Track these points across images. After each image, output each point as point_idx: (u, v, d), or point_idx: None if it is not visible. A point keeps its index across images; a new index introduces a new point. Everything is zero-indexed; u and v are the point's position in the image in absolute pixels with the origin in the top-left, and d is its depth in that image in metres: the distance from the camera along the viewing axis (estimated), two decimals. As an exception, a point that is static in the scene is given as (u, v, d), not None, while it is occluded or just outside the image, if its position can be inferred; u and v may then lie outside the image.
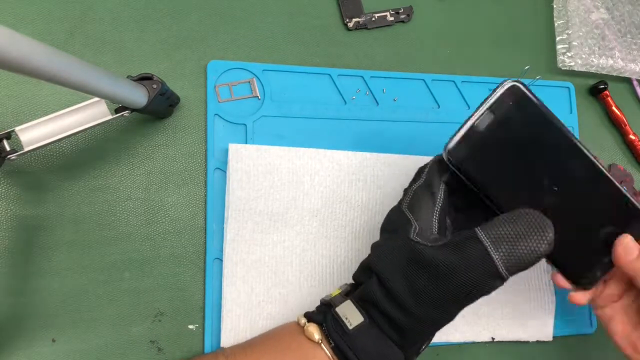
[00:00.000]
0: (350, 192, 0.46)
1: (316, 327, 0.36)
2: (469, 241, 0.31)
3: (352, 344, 0.34)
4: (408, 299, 0.32)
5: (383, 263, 0.34)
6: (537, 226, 0.31)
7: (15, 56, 0.21)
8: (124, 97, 0.34)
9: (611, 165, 0.56)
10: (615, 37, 0.57)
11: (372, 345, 0.34)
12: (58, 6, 0.45)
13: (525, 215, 0.32)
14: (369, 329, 0.34)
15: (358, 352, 0.34)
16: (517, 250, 0.30)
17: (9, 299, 0.40)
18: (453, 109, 0.51)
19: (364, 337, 0.34)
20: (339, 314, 0.35)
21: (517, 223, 0.31)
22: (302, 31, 0.50)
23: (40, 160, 0.42)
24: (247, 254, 0.43)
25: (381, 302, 0.33)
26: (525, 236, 0.31)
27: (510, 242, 0.31)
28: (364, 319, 0.34)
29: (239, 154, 0.43)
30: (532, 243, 0.31)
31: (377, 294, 0.33)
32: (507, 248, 0.31)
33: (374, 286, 0.34)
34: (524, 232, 0.31)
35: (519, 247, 0.30)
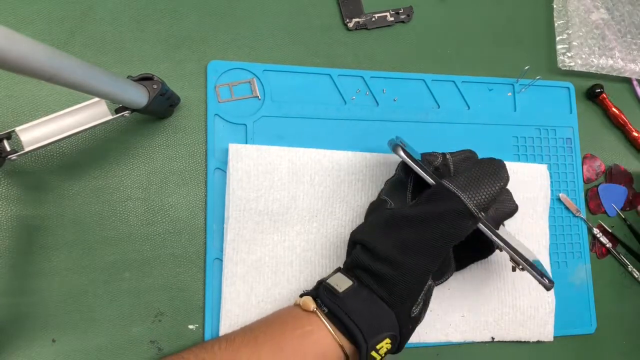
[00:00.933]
0: (350, 192, 0.46)
1: (310, 299, 0.37)
2: (439, 192, 0.36)
3: (344, 306, 0.35)
4: (392, 252, 0.36)
5: (364, 232, 0.38)
6: (493, 165, 0.37)
7: (15, 56, 0.21)
8: (124, 97, 0.34)
9: (612, 166, 0.56)
10: (615, 37, 0.57)
11: (362, 305, 0.36)
12: (58, 6, 0.45)
13: (481, 162, 0.37)
14: (358, 291, 0.36)
15: (350, 313, 0.35)
16: (482, 189, 0.35)
17: (9, 299, 0.40)
18: (453, 109, 0.51)
19: (354, 299, 0.36)
20: (329, 283, 0.38)
21: (476, 169, 0.37)
22: (302, 31, 0.50)
23: (41, 161, 0.42)
24: (247, 254, 0.43)
25: (367, 262, 0.36)
26: (485, 176, 0.36)
27: (474, 183, 0.35)
28: (353, 283, 0.37)
29: (239, 154, 0.43)
30: (492, 179, 0.36)
31: (362, 256, 0.37)
32: (472, 189, 0.35)
33: (359, 252, 0.37)
34: (484, 173, 0.36)
35: (483, 185, 0.35)
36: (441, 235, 0.35)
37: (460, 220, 0.35)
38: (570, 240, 0.52)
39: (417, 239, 0.35)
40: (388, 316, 0.36)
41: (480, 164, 0.37)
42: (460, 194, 0.35)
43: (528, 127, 0.53)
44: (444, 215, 0.35)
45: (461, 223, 0.35)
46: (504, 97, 0.53)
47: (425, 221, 0.35)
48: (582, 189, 0.54)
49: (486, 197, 0.35)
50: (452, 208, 0.35)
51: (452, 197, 0.35)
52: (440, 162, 0.41)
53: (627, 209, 0.56)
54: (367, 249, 0.37)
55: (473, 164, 0.39)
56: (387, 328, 0.36)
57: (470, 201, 0.35)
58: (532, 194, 0.50)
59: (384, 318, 0.36)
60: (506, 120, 0.53)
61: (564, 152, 0.54)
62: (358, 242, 0.38)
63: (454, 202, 0.35)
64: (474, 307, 0.47)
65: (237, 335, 0.38)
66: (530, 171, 0.51)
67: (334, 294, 0.36)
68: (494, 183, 0.36)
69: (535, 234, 0.50)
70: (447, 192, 0.35)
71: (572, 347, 0.51)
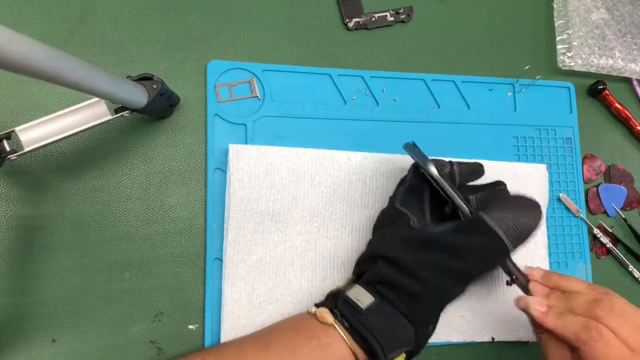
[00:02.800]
0: (350, 192, 0.46)
1: (328, 311, 0.37)
2: (477, 225, 0.35)
3: (366, 323, 0.35)
4: (423, 271, 0.35)
5: (389, 248, 0.37)
6: (530, 205, 0.37)
7: (15, 56, 0.21)
8: (124, 97, 0.34)
9: (611, 166, 0.56)
10: (616, 37, 0.57)
11: (385, 321, 0.35)
12: (58, 6, 0.45)
13: (519, 198, 0.38)
14: (381, 307, 0.36)
15: (372, 329, 0.35)
16: (519, 227, 0.36)
17: (9, 299, 0.40)
18: (453, 109, 0.51)
19: (376, 315, 0.36)
20: (350, 297, 0.37)
21: (514, 205, 0.37)
22: (302, 31, 0.50)
23: (40, 160, 0.42)
24: (248, 254, 0.43)
25: (393, 276, 0.36)
26: (522, 215, 0.36)
27: (514, 224, 0.35)
28: (375, 299, 0.36)
29: (239, 155, 0.43)
30: (528, 220, 0.36)
31: (387, 271, 0.36)
32: (508, 227, 0.35)
33: (382, 267, 0.37)
34: (521, 212, 0.36)
35: (520, 225, 0.36)
36: (478, 268, 0.36)
37: (499, 257, 0.36)
38: (571, 240, 0.52)
39: (452, 267, 0.35)
40: (408, 332, 0.36)
41: (518, 201, 0.38)
42: (502, 235, 0.35)
43: (528, 127, 0.53)
44: (485, 251, 0.35)
45: (499, 259, 0.36)
46: (504, 97, 0.53)
47: (463, 252, 0.35)
48: (582, 189, 0.54)
49: (522, 237, 0.36)
50: (495, 248, 0.35)
51: (492, 235, 0.35)
52: (447, 171, 0.40)
53: (627, 209, 0.56)
54: (393, 264, 0.37)
55: (506, 197, 0.39)
56: (406, 343, 0.36)
57: (509, 241, 0.35)
58: (530, 193, 0.50)
59: (404, 334, 0.36)
60: (506, 120, 0.53)
61: (564, 152, 0.54)
62: (381, 257, 0.38)
63: (496, 243, 0.35)
64: (474, 307, 0.47)
65: (247, 340, 0.38)
66: (529, 171, 0.51)
67: (356, 310, 0.36)
68: (529, 222, 0.36)
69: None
70: (486, 227, 0.35)
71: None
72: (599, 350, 0.33)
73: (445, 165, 0.41)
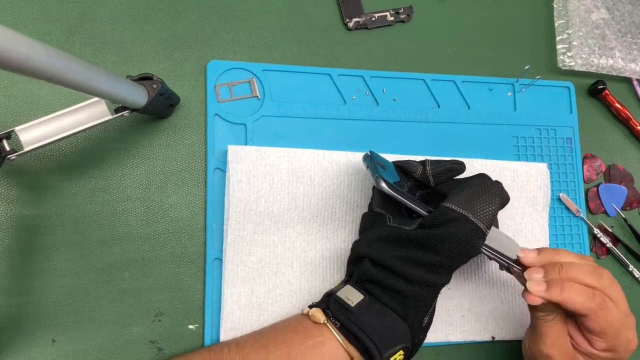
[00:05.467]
0: (350, 193, 0.46)
1: (320, 311, 0.38)
2: (445, 215, 0.36)
3: (357, 320, 0.36)
4: (405, 268, 0.36)
5: (370, 247, 0.38)
6: (485, 182, 0.39)
7: (15, 56, 0.21)
8: (123, 97, 0.34)
9: (611, 166, 0.56)
10: (616, 37, 0.57)
11: (376, 318, 0.36)
12: (58, 6, 0.45)
13: (471, 180, 0.39)
14: (370, 304, 0.37)
15: (364, 327, 0.35)
16: (484, 207, 0.37)
17: (9, 299, 0.40)
18: (453, 109, 0.51)
19: (366, 313, 0.36)
20: (340, 296, 0.37)
21: (470, 188, 0.38)
22: (302, 31, 0.50)
23: (40, 160, 0.42)
24: (247, 255, 0.43)
25: (379, 276, 0.37)
26: (482, 193, 0.37)
27: (474, 202, 0.37)
28: (365, 296, 0.37)
29: (238, 156, 0.43)
30: (490, 196, 0.37)
31: (372, 270, 0.37)
32: (475, 208, 0.36)
33: (368, 266, 0.37)
34: (479, 191, 0.38)
35: (483, 203, 0.37)
36: (457, 256, 0.36)
37: (473, 239, 0.36)
38: (571, 240, 0.52)
39: (431, 260, 0.36)
40: (401, 328, 0.36)
41: (472, 181, 0.39)
42: (467, 214, 0.36)
43: (528, 127, 0.53)
44: (458, 237, 0.35)
45: (474, 242, 0.36)
46: (504, 97, 0.53)
47: (438, 244, 0.36)
48: (582, 189, 0.54)
49: (490, 213, 0.37)
50: (464, 229, 0.36)
51: (460, 219, 0.36)
52: (419, 173, 0.41)
53: (627, 209, 0.55)
54: (377, 264, 0.37)
55: (463, 181, 0.40)
56: (400, 340, 0.36)
57: (476, 219, 0.36)
58: (532, 193, 0.50)
59: (397, 330, 0.36)
60: (506, 120, 0.53)
61: (564, 152, 0.54)
62: (364, 257, 0.38)
63: (464, 224, 0.36)
64: (474, 306, 0.47)
65: (246, 340, 0.38)
66: (530, 170, 0.51)
67: (346, 309, 0.36)
68: (493, 199, 0.37)
69: (535, 233, 0.50)
70: (454, 213, 0.36)
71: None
72: (606, 317, 0.35)
73: (417, 168, 0.41)
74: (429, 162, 0.42)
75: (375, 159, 0.40)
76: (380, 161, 0.41)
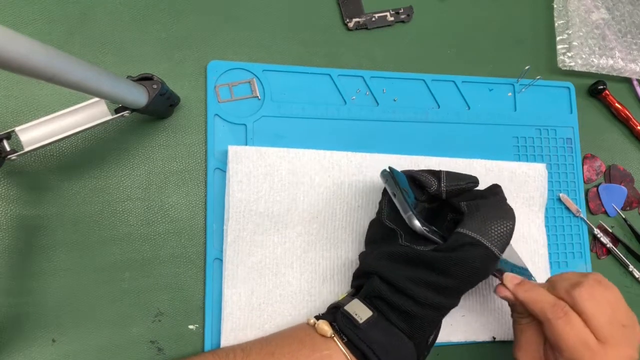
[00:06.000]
0: (350, 193, 0.46)
1: (327, 324, 0.37)
2: (461, 240, 0.36)
3: (365, 337, 0.35)
4: (416, 290, 0.35)
5: (381, 264, 0.38)
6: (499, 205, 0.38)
7: (16, 56, 0.21)
8: (124, 97, 0.34)
9: (611, 166, 0.56)
10: (616, 37, 0.57)
11: (383, 336, 0.36)
12: (58, 6, 0.45)
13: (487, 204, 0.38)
14: (379, 322, 0.36)
15: (371, 344, 0.35)
16: (497, 232, 0.36)
17: (9, 299, 0.40)
18: (453, 109, 0.51)
19: (374, 330, 0.36)
20: (348, 311, 0.37)
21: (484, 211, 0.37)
22: (302, 31, 0.50)
23: (40, 160, 0.42)
24: (247, 256, 0.43)
25: (389, 295, 0.36)
26: (496, 218, 0.37)
27: (491, 226, 0.36)
28: (373, 313, 0.36)
29: (238, 156, 0.43)
30: (505, 221, 0.37)
31: (382, 288, 0.37)
32: (490, 234, 0.36)
33: (377, 283, 0.37)
34: (494, 215, 0.37)
35: (496, 228, 0.36)
36: (470, 280, 0.36)
37: (486, 264, 0.36)
38: (571, 240, 0.52)
39: (444, 283, 0.35)
40: (408, 347, 0.36)
41: (486, 203, 0.38)
42: (481, 240, 0.35)
43: (528, 127, 0.53)
44: (473, 263, 0.35)
45: (488, 266, 0.36)
46: (504, 97, 0.53)
47: (452, 268, 0.35)
48: (582, 189, 0.54)
49: (505, 237, 0.36)
50: (479, 254, 0.35)
51: (475, 244, 0.35)
52: (435, 189, 0.40)
53: (627, 209, 0.55)
54: (387, 283, 0.37)
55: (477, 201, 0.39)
56: (408, 358, 0.36)
57: (491, 244, 0.36)
58: (529, 193, 0.51)
59: (404, 350, 0.36)
60: (506, 120, 0.53)
61: (564, 152, 0.54)
62: (374, 274, 0.38)
63: (479, 249, 0.35)
64: (474, 307, 0.47)
65: (252, 347, 0.38)
66: (528, 170, 0.51)
67: (354, 324, 0.36)
68: (507, 222, 0.37)
69: (533, 233, 0.50)
70: (469, 239, 0.36)
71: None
72: (558, 328, 0.34)
73: (432, 184, 0.40)
74: (445, 178, 0.40)
75: (398, 181, 0.39)
76: (400, 182, 0.39)
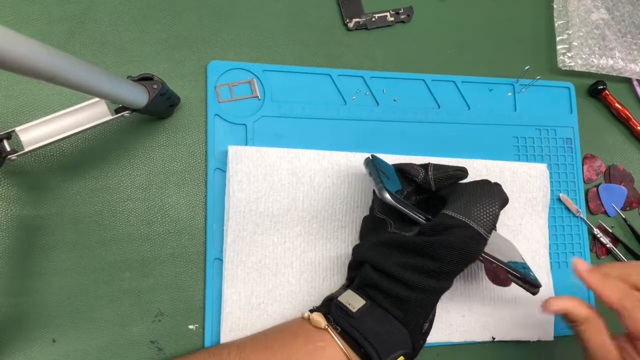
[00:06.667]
0: (350, 193, 0.46)
1: (321, 316, 0.37)
2: (445, 222, 0.36)
3: (359, 326, 0.36)
4: (406, 274, 0.36)
5: (371, 253, 0.38)
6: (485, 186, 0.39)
7: (16, 56, 0.21)
8: (124, 97, 0.34)
9: (611, 166, 0.56)
10: (616, 38, 0.57)
11: (377, 324, 0.36)
12: (58, 6, 0.45)
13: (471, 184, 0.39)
14: (372, 310, 0.36)
15: (365, 333, 0.35)
16: (483, 211, 0.36)
17: (9, 299, 0.40)
18: (453, 109, 0.51)
19: (368, 318, 0.36)
20: (341, 301, 0.37)
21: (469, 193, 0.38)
22: (302, 31, 0.50)
23: (40, 161, 0.42)
24: (247, 256, 0.43)
25: (380, 282, 0.37)
26: (481, 197, 0.37)
27: (473, 207, 0.37)
28: (366, 302, 0.37)
29: (238, 156, 0.43)
30: (489, 200, 0.37)
31: (373, 276, 0.37)
32: (475, 213, 0.36)
33: (369, 271, 0.37)
34: (479, 195, 0.38)
35: (482, 207, 0.37)
36: (457, 262, 0.36)
37: (473, 245, 0.36)
38: (571, 240, 0.52)
39: (432, 267, 0.36)
40: (402, 334, 0.36)
41: (471, 186, 0.39)
42: (467, 220, 0.36)
43: (528, 127, 0.53)
44: (458, 244, 0.35)
45: (475, 247, 0.36)
46: (504, 97, 0.53)
47: (438, 251, 0.35)
48: (582, 189, 0.54)
49: (490, 217, 0.37)
50: (464, 235, 0.35)
51: (460, 225, 0.36)
52: (422, 177, 0.41)
53: (627, 209, 0.55)
54: (378, 270, 0.37)
55: (462, 186, 0.40)
56: (401, 346, 0.36)
57: (477, 225, 0.36)
58: (531, 193, 0.50)
59: (398, 336, 0.36)
60: (506, 120, 0.53)
61: (564, 152, 0.54)
62: (366, 262, 0.38)
63: (464, 230, 0.36)
64: (474, 307, 0.47)
65: (247, 342, 0.38)
66: (529, 170, 0.51)
67: (348, 314, 0.36)
68: (492, 203, 0.37)
69: (535, 234, 0.50)
70: (454, 220, 0.36)
71: (572, 347, 0.51)
72: (637, 319, 0.34)
73: (419, 172, 0.41)
74: (432, 167, 0.41)
75: (377, 164, 0.40)
76: (382, 167, 0.40)
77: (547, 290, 0.49)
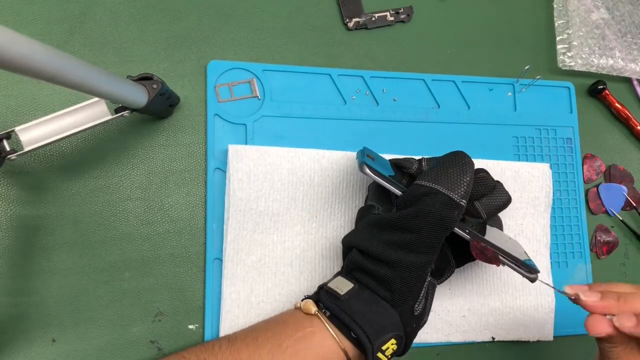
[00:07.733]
0: (349, 192, 0.46)
1: (311, 302, 0.38)
2: (416, 192, 0.37)
3: (346, 308, 0.36)
4: (387, 252, 0.36)
5: (356, 236, 0.39)
6: (454, 156, 0.39)
7: (16, 56, 0.21)
8: (124, 97, 0.34)
9: (611, 166, 0.56)
10: (616, 37, 0.57)
11: (365, 306, 0.36)
12: (58, 6, 0.45)
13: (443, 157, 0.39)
14: (360, 292, 0.37)
15: (353, 315, 0.35)
16: (453, 178, 0.37)
17: (9, 299, 0.40)
18: (453, 109, 0.51)
19: (356, 301, 0.36)
20: (331, 287, 0.38)
21: (440, 164, 0.38)
22: (302, 31, 0.50)
23: (40, 160, 0.42)
24: (247, 255, 0.43)
25: (365, 263, 0.37)
26: (451, 166, 0.38)
27: (444, 175, 0.37)
28: (354, 285, 0.37)
29: (239, 155, 0.43)
30: (458, 167, 0.38)
31: (358, 259, 0.37)
32: (445, 180, 0.37)
33: (355, 255, 0.38)
34: (448, 164, 0.38)
35: (452, 174, 0.37)
36: (431, 230, 0.36)
37: (445, 211, 0.36)
38: (571, 240, 0.52)
39: (409, 239, 0.36)
40: (391, 316, 0.36)
41: (442, 158, 0.40)
42: (437, 187, 0.36)
43: (528, 127, 0.53)
44: (430, 210, 0.35)
45: (447, 213, 0.36)
46: (504, 97, 0.53)
47: (412, 221, 0.36)
48: (582, 189, 0.54)
49: (463, 184, 0.37)
50: (434, 202, 0.36)
51: (431, 192, 0.36)
52: (415, 168, 0.41)
53: (627, 209, 0.55)
54: (363, 252, 0.37)
55: (436, 160, 0.40)
56: (391, 328, 0.36)
57: (448, 190, 0.36)
58: (533, 193, 0.50)
59: (387, 318, 0.36)
60: (506, 120, 0.53)
61: (564, 152, 0.54)
62: (352, 246, 0.39)
63: (434, 197, 0.36)
64: (474, 307, 0.47)
65: (238, 335, 0.38)
66: (532, 170, 0.51)
67: (336, 297, 0.36)
68: (462, 170, 0.38)
69: (537, 233, 0.50)
70: (424, 188, 0.36)
71: (572, 347, 0.51)
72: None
73: (413, 163, 0.41)
74: (425, 159, 0.42)
75: (366, 152, 0.41)
76: (371, 154, 0.41)
77: (546, 289, 0.49)
